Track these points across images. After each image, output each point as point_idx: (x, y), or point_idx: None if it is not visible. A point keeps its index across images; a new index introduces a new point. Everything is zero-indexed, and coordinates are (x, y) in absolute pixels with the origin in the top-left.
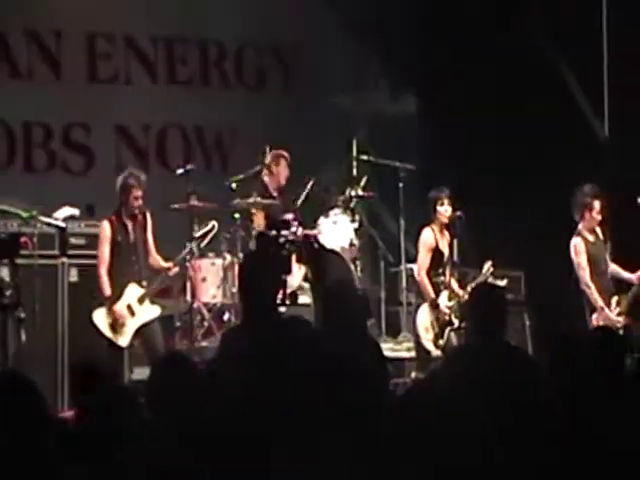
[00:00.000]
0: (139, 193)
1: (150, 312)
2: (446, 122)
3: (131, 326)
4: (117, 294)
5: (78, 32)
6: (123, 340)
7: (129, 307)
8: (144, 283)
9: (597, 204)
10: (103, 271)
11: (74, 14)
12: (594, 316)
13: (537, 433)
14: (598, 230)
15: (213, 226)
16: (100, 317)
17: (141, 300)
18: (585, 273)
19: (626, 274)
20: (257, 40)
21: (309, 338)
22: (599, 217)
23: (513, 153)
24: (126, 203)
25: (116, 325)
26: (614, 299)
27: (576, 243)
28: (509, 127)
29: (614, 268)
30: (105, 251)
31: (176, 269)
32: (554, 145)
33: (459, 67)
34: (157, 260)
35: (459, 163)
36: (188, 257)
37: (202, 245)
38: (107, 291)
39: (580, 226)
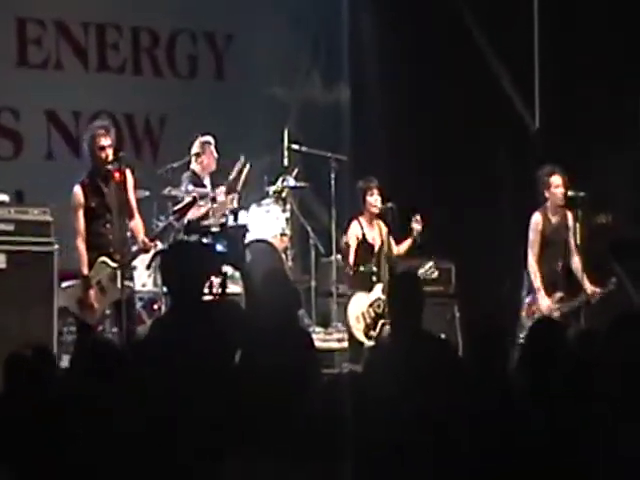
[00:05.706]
0: (107, 142)
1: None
2: (378, 112)
3: (101, 305)
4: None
5: (8, 16)
6: (91, 319)
7: (99, 283)
8: (117, 256)
9: (554, 179)
10: (79, 243)
11: None
12: (527, 299)
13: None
14: (569, 218)
15: (194, 198)
16: (68, 293)
17: (113, 276)
18: (533, 252)
19: (585, 280)
20: (190, 28)
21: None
22: (559, 192)
23: (445, 144)
24: (95, 159)
25: (85, 303)
26: (558, 294)
27: (535, 220)
28: (442, 118)
29: (577, 265)
30: (79, 220)
31: (153, 243)
32: (486, 137)
33: (392, 58)
34: (138, 226)
35: (391, 154)
36: (165, 232)
37: (183, 220)
38: (84, 269)
39: (547, 204)
